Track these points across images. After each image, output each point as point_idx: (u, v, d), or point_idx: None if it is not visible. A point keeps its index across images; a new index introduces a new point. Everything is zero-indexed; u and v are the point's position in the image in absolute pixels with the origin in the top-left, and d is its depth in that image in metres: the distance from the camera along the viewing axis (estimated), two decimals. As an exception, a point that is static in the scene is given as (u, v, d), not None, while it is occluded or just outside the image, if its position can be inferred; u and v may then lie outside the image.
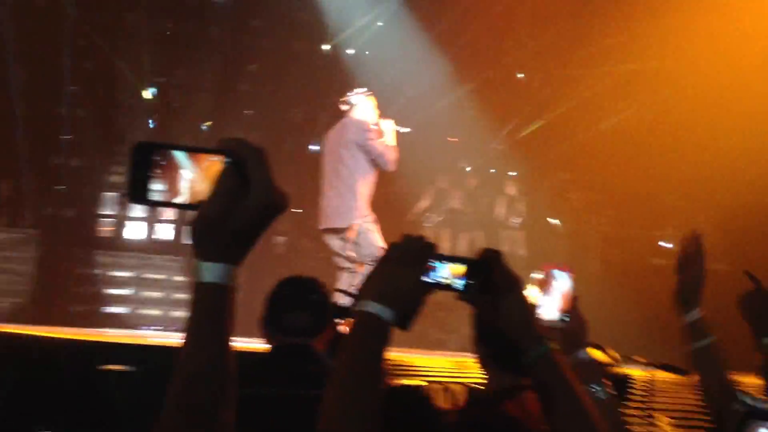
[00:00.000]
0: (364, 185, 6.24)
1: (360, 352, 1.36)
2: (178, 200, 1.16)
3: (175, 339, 6.31)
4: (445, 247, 10.12)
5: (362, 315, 1.37)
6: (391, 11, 10.04)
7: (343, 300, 4.95)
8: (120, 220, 10.47)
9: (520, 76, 10.72)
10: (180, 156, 1.15)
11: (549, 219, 10.26)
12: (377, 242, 6.11)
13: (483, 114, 10.31)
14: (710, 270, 8.74)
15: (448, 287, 1.47)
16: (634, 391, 5.12)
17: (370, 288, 1.40)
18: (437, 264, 1.46)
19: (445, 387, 4.98)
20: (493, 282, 1.46)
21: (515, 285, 1.48)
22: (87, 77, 10.28)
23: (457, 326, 7.91)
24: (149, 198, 1.15)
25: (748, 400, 1.79)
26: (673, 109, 9.21)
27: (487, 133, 10.58)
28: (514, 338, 1.46)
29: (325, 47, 10.64)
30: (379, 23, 10.44)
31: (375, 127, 6.30)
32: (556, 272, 1.96)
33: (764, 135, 8.75)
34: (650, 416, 5.00)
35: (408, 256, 1.42)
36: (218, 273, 1.13)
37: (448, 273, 1.47)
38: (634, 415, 4.96)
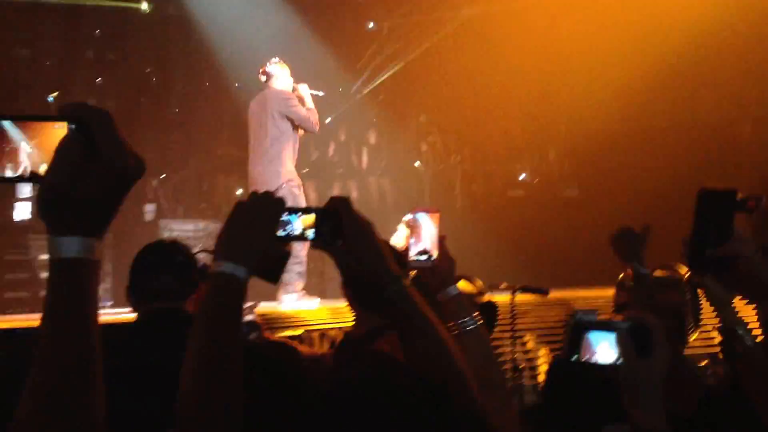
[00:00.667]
0: (288, 151, 6.51)
1: (216, 313, 1.35)
2: (16, 173, 1.08)
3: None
4: (312, 199, 10.18)
5: (216, 276, 1.37)
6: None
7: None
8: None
9: (370, 25, 10.79)
10: (11, 127, 1.07)
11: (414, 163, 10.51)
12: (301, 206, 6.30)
13: (338, 65, 10.36)
14: (563, 196, 9.21)
15: (300, 238, 1.51)
16: (500, 315, 5.42)
17: (223, 248, 1.40)
18: (288, 218, 1.50)
19: (322, 333, 5.12)
20: (342, 228, 1.50)
21: (364, 228, 1.50)
22: None
23: (334, 274, 8.05)
24: None
25: (579, 314, 1.95)
26: (518, 50, 9.59)
27: (344, 83, 10.66)
28: (370, 279, 1.49)
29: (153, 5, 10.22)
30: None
31: (294, 94, 6.56)
32: (420, 215, 2.03)
33: (600, 67, 9.30)
34: (517, 337, 5.34)
35: (257, 213, 1.45)
36: (75, 247, 1.06)
37: (300, 225, 1.50)
38: (503, 339, 5.28)
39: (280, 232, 1.48)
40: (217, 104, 11.11)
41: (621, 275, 3.99)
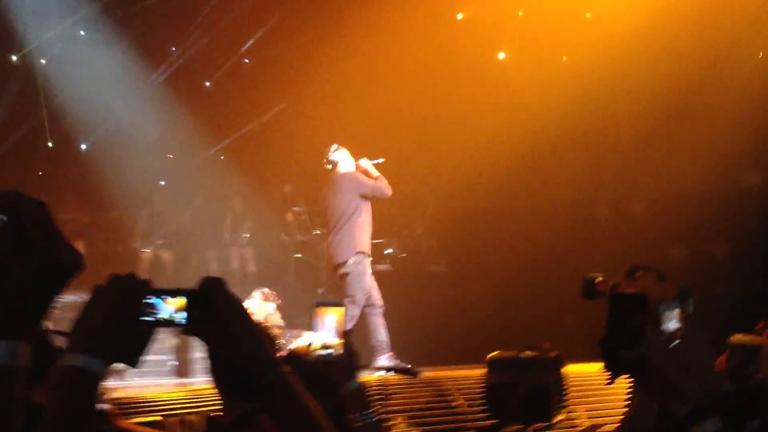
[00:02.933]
0: (363, 226, 7.19)
1: (66, 412, 1.23)
2: None
3: None
4: (170, 272, 9.63)
5: (68, 370, 1.25)
6: (92, 18, 9.45)
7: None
8: None
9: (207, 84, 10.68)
10: None
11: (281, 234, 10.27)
12: (365, 283, 7.08)
13: (194, 128, 10.09)
14: (429, 272, 9.14)
15: (169, 323, 1.36)
16: (369, 397, 5.18)
17: (77, 338, 1.26)
18: (154, 300, 1.35)
19: (181, 419, 4.73)
20: (215, 311, 1.37)
21: (239, 312, 1.40)
22: None
23: (186, 348, 7.59)
24: None
25: None
26: (383, 124, 9.70)
27: (202, 147, 10.39)
28: (244, 365, 1.40)
29: (15, 57, 9.72)
30: (81, 32, 9.79)
31: (360, 173, 7.22)
32: (320, 309, 2.17)
33: (465, 146, 9.52)
34: (386, 419, 5.13)
35: (118, 298, 1.30)
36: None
37: (168, 308, 1.36)
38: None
39: (146, 318, 1.33)
40: (61, 167, 10.51)
41: (492, 353, 3.92)
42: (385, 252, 10.20)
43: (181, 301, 1.37)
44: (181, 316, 1.37)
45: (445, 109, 9.69)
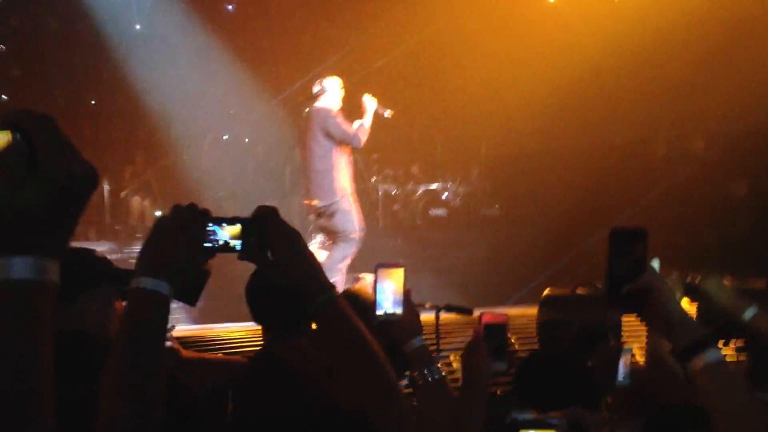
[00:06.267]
0: (338, 167, 6.62)
1: (137, 333, 1.29)
2: None
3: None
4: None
5: (137, 292, 1.31)
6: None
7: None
8: None
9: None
10: None
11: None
12: (353, 219, 6.64)
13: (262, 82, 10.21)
14: (484, 215, 9.15)
15: (226, 249, 1.45)
16: (425, 335, 5.31)
17: (143, 263, 1.34)
18: (214, 228, 1.44)
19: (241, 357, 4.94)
20: (270, 238, 1.46)
21: (292, 237, 1.48)
22: None
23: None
24: None
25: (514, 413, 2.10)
26: (438, 72, 9.69)
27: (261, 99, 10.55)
28: (297, 289, 1.46)
29: None
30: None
31: (337, 112, 6.61)
32: (380, 271, 2.07)
33: (518, 89, 9.46)
34: (443, 357, 5.26)
35: (181, 225, 1.38)
36: (20, 268, 0.90)
37: (225, 235, 1.45)
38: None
39: (208, 243, 1.42)
40: (131, 124, 10.82)
41: (546, 291, 4.00)
42: (442, 197, 10.33)
43: (237, 228, 1.45)
44: (238, 243, 1.45)
45: (498, 52, 9.63)
